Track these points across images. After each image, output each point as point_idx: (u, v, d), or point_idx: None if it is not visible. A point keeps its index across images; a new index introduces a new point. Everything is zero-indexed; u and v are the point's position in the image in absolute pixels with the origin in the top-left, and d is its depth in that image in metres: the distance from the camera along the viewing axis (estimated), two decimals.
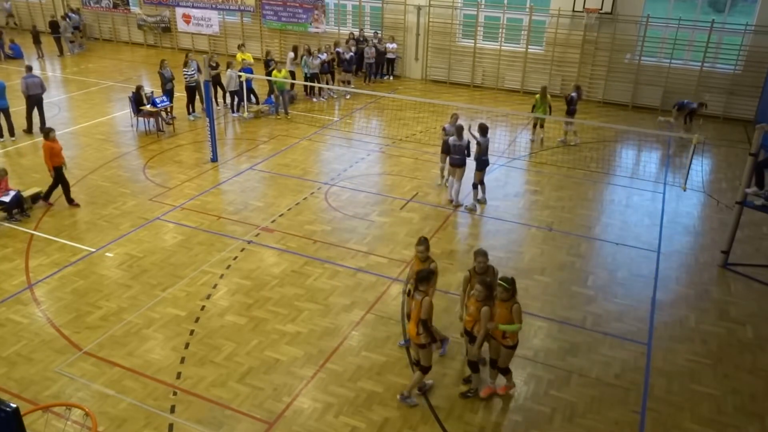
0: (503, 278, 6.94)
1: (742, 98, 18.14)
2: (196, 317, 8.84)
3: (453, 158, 12.19)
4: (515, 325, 6.94)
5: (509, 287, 6.85)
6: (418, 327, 6.91)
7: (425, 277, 6.99)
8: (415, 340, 7.05)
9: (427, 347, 7.06)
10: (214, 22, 24.63)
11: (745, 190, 10.06)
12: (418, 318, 6.88)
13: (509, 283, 6.86)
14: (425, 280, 6.98)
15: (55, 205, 12.05)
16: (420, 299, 6.87)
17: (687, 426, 7.19)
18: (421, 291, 6.94)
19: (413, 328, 6.97)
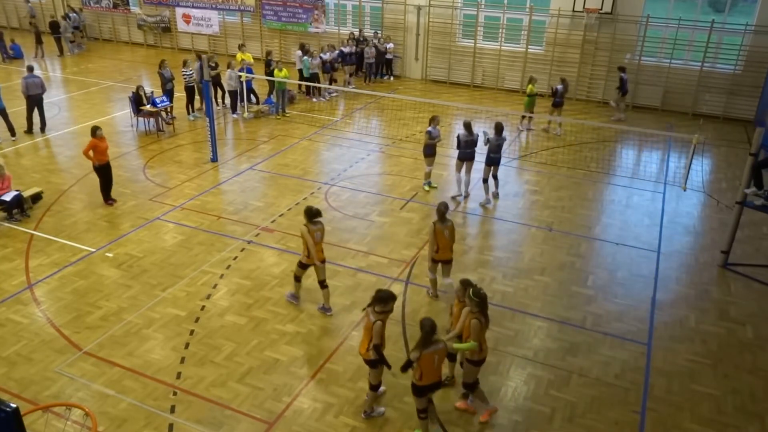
0: (474, 291, 6.72)
1: (742, 98, 18.13)
2: (196, 317, 8.84)
3: (464, 152, 12.31)
4: (469, 344, 6.69)
5: (474, 299, 6.64)
6: (369, 345, 6.75)
7: (383, 299, 6.63)
8: (363, 356, 6.90)
9: (376, 367, 6.87)
10: (214, 22, 24.62)
11: (744, 190, 10.06)
12: (370, 339, 6.72)
13: (477, 296, 6.65)
14: (381, 302, 6.64)
15: (56, 205, 12.05)
16: (373, 322, 6.64)
17: (687, 426, 7.19)
18: (377, 312, 6.67)
19: (364, 344, 6.83)
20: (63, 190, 12.76)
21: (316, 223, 8.63)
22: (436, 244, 8.78)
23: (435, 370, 6.46)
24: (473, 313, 6.68)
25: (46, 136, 15.87)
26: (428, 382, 6.49)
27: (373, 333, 6.71)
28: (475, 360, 6.87)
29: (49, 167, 13.95)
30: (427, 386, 6.51)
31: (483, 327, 6.73)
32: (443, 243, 8.80)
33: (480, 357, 6.87)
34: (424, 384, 6.48)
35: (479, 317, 6.67)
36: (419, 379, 6.43)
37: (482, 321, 6.69)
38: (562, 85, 16.52)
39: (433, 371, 6.43)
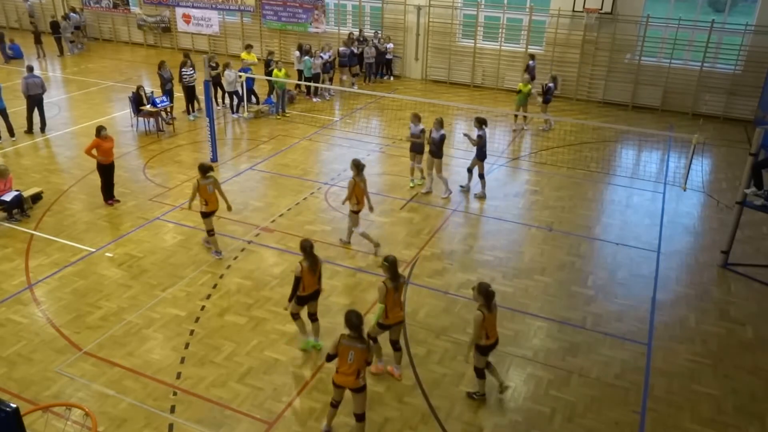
0: (385, 257, 7.33)
1: (742, 98, 18.13)
2: (196, 317, 8.84)
3: (432, 150, 12.45)
4: (378, 308, 7.28)
5: (387, 265, 7.23)
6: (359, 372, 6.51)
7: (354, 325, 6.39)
8: (353, 386, 6.53)
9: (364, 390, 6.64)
10: (214, 22, 24.63)
11: (744, 190, 10.06)
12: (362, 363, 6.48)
13: (389, 261, 7.24)
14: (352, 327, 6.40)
15: (56, 205, 12.06)
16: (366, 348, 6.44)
17: (687, 426, 7.19)
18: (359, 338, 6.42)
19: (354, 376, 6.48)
20: (63, 190, 12.76)
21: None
22: (356, 197, 10.14)
23: (348, 366, 6.42)
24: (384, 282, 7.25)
25: (46, 136, 15.87)
26: (339, 382, 6.56)
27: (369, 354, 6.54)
28: (381, 324, 7.41)
29: (49, 167, 13.95)
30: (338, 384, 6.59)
31: (389, 291, 7.22)
32: (360, 194, 10.17)
33: (383, 320, 7.38)
34: (337, 382, 6.56)
35: (383, 282, 7.23)
36: (336, 373, 6.56)
37: (388, 286, 7.21)
38: (552, 83, 16.69)
39: (346, 365, 6.43)
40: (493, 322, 7.01)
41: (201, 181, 9.86)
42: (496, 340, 7.16)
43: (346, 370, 6.46)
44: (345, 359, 6.43)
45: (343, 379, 6.52)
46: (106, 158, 11.74)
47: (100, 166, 11.81)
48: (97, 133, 11.67)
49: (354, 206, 10.21)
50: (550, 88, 16.62)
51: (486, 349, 7.13)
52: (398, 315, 7.48)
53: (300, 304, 7.81)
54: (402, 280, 7.43)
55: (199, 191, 9.85)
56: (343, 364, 6.46)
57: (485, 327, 6.93)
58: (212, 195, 9.95)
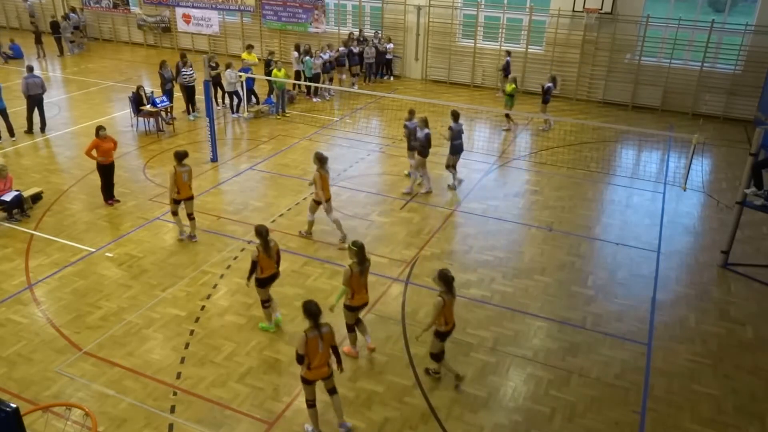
0: (353, 242, 7.71)
1: (742, 98, 18.13)
2: (196, 317, 8.84)
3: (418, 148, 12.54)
4: (340, 289, 7.66)
5: (355, 249, 7.57)
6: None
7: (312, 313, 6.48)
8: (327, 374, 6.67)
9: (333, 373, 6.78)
10: (214, 22, 24.63)
11: (744, 190, 10.06)
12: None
13: (357, 246, 7.59)
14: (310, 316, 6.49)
15: (56, 205, 12.06)
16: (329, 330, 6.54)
17: (687, 426, 7.19)
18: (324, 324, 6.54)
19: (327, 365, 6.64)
20: (63, 190, 12.76)
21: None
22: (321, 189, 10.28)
23: (322, 355, 6.50)
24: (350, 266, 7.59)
25: (46, 136, 15.87)
26: (317, 377, 6.62)
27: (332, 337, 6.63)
28: (348, 306, 7.76)
29: (49, 167, 13.95)
30: (315, 380, 6.65)
31: (354, 274, 7.55)
32: (327, 186, 10.37)
33: (352, 303, 7.75)
34: (314, 377, 6.60)
35: (353, 266, 7.54)
36: (309, 369, 6.53)
37: (354, 270, 7.55)
38: (552, 83, 16.70)
39: (318, 356, 6.48)
40: (451, 308, 7.26)
41: (178, 168, 10.23)
42: (453, 326, 7.39)
43: (320, 361, 6.50)
44: (316, 351, 6.44)
45: (319, 370, 6.56)
46: (105, 158, 11.73)
47: (100, 166, 11.81)
48: (96, 133, 11.67)
49: (317, 197, 10.55)
50: (549, 88, 16.63)
51: (444, 335, 7.34)
52: (364, 297, 7.86)
53: (261, 287, 8.26)
54: (368, 264, 7.73)
55: (178, 177, 10.24)
56: (315, 356, 6.46)
57: (444, 313, 7.15)
58: (185, 183, 10.37)
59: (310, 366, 6.49)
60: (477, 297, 9.44)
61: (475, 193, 12.98)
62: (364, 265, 7.65)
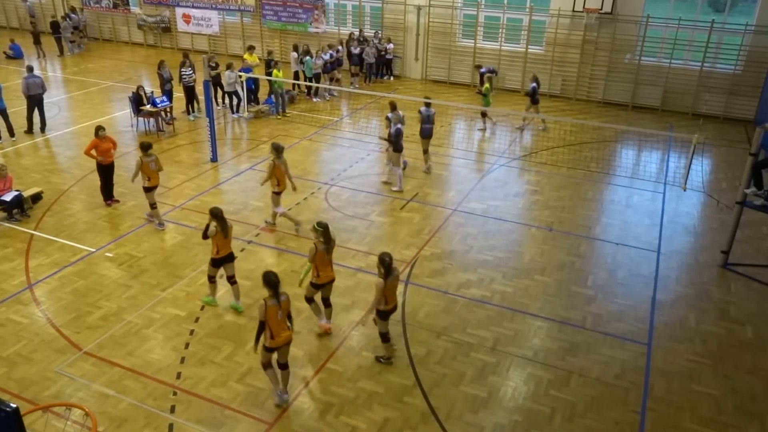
0: (318, 222, 8.07)
1: (742, 98, 18.13)
2: (196, 317, 8.84)
3: (399, 144, 12.74)
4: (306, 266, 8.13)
5: (321, 230, 7.95)
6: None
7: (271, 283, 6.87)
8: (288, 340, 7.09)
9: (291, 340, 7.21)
10: (214, 22, 24.63)
11: (744, 190, 10.06)
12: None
13: (322, 226, 7.97)
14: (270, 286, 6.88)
15: (56, 205, 12.06)
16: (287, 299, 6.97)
17: (687, 426, 7.19)
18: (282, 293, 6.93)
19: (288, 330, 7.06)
20: (63, 190, 12.76)
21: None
22: (276, 179, 10.58)
23: (281, 323, 6.90)
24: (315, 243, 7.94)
25: (46, 136, 15.87)
26: (278, 344, 6.96)
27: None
28: (313, 283, 8.14)
29: (49, 167, 13.95)
30: (276, 348, 6.99)
31: (318, 252, 7.90)
32: (281, 175, 10.63)
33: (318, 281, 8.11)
34: (275, 345, 6.95)
35: (318, 244, 7.93)
36: (271, 338, 6.90)
37: (319, 248, 7.92)
38: (535, 83, 16.80)
39: (278, 323, 6.86)
40: (392, 289, 7.56)
41: (143, 158, 10.75)
42: (394, 305, 7.72)
43: (280, 326, 6.90)
44: (275, 318, 6.84)
45: (281, 337, 6.95)
46: (105, 158, 11.73)
47: (100, 166, 11.81)
48: (95, 133, 11.68)
49: (275, 187, 10.72)
50: (534, 88, 16.73)
51: (386, 314, 7.66)
52: (329, 274, 8.21)
53: (215, 266, 8.75)
54: (332, 243, 8.10)
55: (142, 168, 10.77)
56: (275, 324, 6.85)
57: (385, 294, 7.45)
58: (154, 171, 10.92)
59: (273, 335, 6.87)
60: (477, 297, 9.44)
61: (475, 193, 12.98)
62: (329, 244, 8.02)
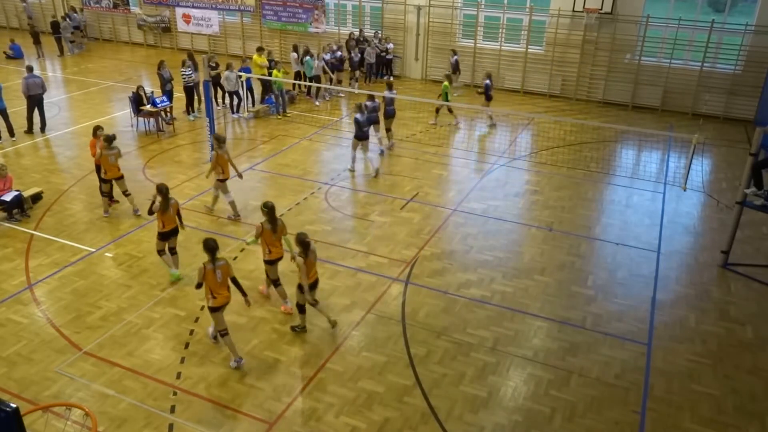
0: (264, 203, 8.66)
1: (742, 98, 18.13)
2: (196, 317, 8.84)
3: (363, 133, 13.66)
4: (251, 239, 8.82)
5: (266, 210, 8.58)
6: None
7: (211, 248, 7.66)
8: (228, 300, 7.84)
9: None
10: (214, 22, 24.63)
11: (744, 190, 10.06)
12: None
13: (268, 207, 8.59)
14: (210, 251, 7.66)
15: (56, 205, 12.07)
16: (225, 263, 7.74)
17: (687, 426, 7.19)
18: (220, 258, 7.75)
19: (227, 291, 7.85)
20: (63, 190, 12.76)
21: None
22: (221, 167, 11.13)
23: (221, 285, 7.64)
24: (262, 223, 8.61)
25: (46, 136, 15.87)
26: (220, 304, 7.71)
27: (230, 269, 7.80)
28: (266, 260, 8.75)
29: (49, 167, 13.96)
30: (219, 307, 7.73)
31: (265, 231, 8.57)
32: (224, 164, 11.20)
33: (270, 258, 8.75)
34: (217, 305, 7.68)
35: (264, 224, 8.56)
36: (213, 298, 7.62)
37: (265, 227, 8.56)
38: (488, 80, 17.09)
39: (218, 285, 7.61)
40: (311, 265, 8.20)
41: (105, 151, 11.01)
42: (315, 280, 8.37)
43: (221, 288, 7.66)
44: (214, 281, 7.58)
45: (221, 298, 7.69)
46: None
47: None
48: (93, 133, 11.69)
49: (220, 175, 11.26)
50: (487, 85, 17.00)
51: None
52: (279, 251, 8.83)
53: (162, 239, 9.46)
54: (279, 223, 8.70)
55: (102, 160, 11.06)
56: (215, 286, 7.60)
57: (306, 270, 8.08)
58: (113, 165, 11.16)
59: (213, 295, 7.61)
60: (477, 297, 9.44)
61: (475, 193, 12.98)
62: (275, 224, 8.63)
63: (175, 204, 9.37)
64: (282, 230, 8.75)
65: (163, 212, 9.22)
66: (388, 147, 15.25)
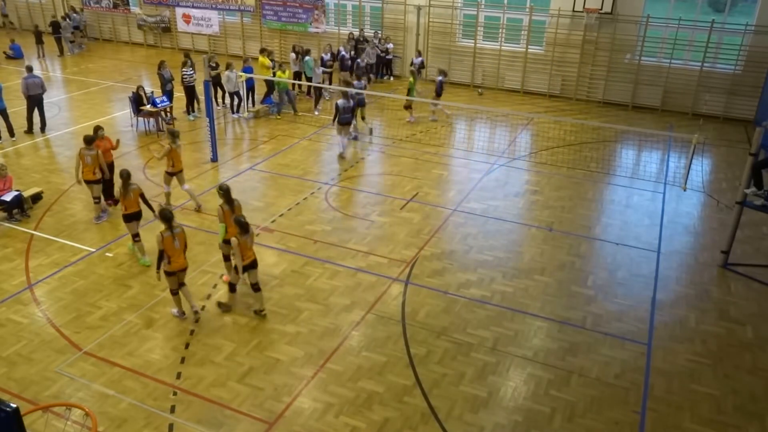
0: (219, 185, 9.22)
1: (742, 98, 18.13)
2: (196, 317, 8.84)
3: (344, 117, 14.59)
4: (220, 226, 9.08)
5: (222, 192, 9.09)
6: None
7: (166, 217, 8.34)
8: (185, 265, 8.62)
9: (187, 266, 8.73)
10: (214, 22, 24.63)
11: (744, 190, 10.06)
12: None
13: (223, 189, 9.09)
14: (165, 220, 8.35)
15: (56, 205, 12.07)
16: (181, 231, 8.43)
17: (687, 426, 7.19)
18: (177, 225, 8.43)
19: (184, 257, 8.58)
20: (63, 190, 12.76)
21: None
22: (171, 160, 11.44)
23: (178, 252, 8.38)
24: (220, 205, 9.03)
25: (46, 136, 15.87)
26: (176, 269, 8.43)
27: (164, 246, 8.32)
28: (227, 240, 8.80)
29: (49, 167, 13.96)
30: (175, 271, 8.45)
31: (225, 212, 8.95)
32: (176, 158, 11.47)
33: (227, 237, 8.85)
34: (174, 269, 8.41)
35: (223, 206, 9.01)
36: (168, 264, 8.33)
37: (224, 209, 8.96)
38: (441, 76, 17.51)
39: (175, 252, 8.34)
40: (246, 246, 8.49)
41: (83, 150, 11.09)
42: (250, 261, 8.65)
43: (178, 255, 8.38)
44: (172, 247, 8.29)
45: (178, 262, 8.43)
46: (105, 159, 11.72)
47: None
48: (93, 133, 11.67)
49: (170, 168, 11.59)
50: (440, 81, 17.39)
51: (243, 268, 8.60)
52: (234, 231, 8.80)
53: (128, 221, 9.97)
54: (236, 203, 9.11)
55: (81, 159, 11.13)
56: (173, 252, 8.31)
57: (242, 250, 8.43)
58: (89, 165, 11.16)
59: (170, 261, 8.30)
60: (477, 297, 9.44)
61: (475, 193, 12.98)
62: (232, 204, 9.06)
63: (136, 189, 9.84)
64: (239, 210, 9.14)
65: (124, 197, 9.77)
66: (353, 137, 15.73)
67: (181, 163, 11.73)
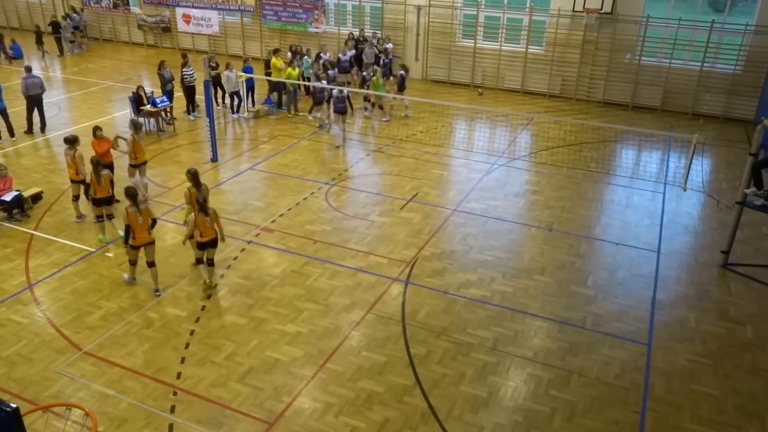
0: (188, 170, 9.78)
1: (742, 98, 18.12)
2: (197, 317, 8.84)
3: (338, 107, 15.28)
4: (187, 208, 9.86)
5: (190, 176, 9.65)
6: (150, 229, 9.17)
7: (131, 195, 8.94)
8: (149, 240, 9.13)
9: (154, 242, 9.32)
10: (214, 22, 24.62)
11: (744, 190, 10.06)
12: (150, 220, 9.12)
13: (191, 173, 9.66)
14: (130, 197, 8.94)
15: (56, 205, 12.07)
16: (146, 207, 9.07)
17: (687, 426, 7.19)
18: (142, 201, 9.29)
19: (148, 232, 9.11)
20: (63, 190, 12.76)
21: None
22: (134, 153, 11.82)
23: (142, 227, 8.94)
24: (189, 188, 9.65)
25: (46, 136, 15.87)
26: (139, 243, 9.03)
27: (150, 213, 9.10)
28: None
29: (49, 167, 13.96)
30: (138, 246, 9.07)
31: (192, 194, 9.42)
32: (139, 150, 11.91)
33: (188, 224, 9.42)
34: (137, 244, 9.03)
35: (191, 189, 9.56)
36: (133, 239, 8.97)
37: (192, 191, 9.48)
38: (404, 71, 17.85)
39: (139, 227, 8.92)
40: (203, 223, 8.97)
41: (67, 151, 11.24)
42: (209, 239, 9.12)
43: (141, 230, 8.96)
44: (137, 222, 8.87)
45: (142, 237, 9.01)
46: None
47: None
48: (93, 133, 11.71)
49: (132, 161, 11.94)
50: (402, 75, 17.73)
51: (202, 245, 9.15)
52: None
53: (96, 205, 10.48)
54: (203, 186, 9.63)
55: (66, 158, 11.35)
56: (137, 227, 8.91)
57: (199, 227, 8.98)
58: (69, 167, 11.35)
59: (135, 236, 8.93)
60: (477, 297, 9.44)
61: (475, 193, 12.98)
62: (199, 187, 9.55)
63: (106, 175, 10.43)
64: (206, 192, 9.60)
65: (97, 182, 10.28)
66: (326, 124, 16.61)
67: (144, 155, 12.11)
